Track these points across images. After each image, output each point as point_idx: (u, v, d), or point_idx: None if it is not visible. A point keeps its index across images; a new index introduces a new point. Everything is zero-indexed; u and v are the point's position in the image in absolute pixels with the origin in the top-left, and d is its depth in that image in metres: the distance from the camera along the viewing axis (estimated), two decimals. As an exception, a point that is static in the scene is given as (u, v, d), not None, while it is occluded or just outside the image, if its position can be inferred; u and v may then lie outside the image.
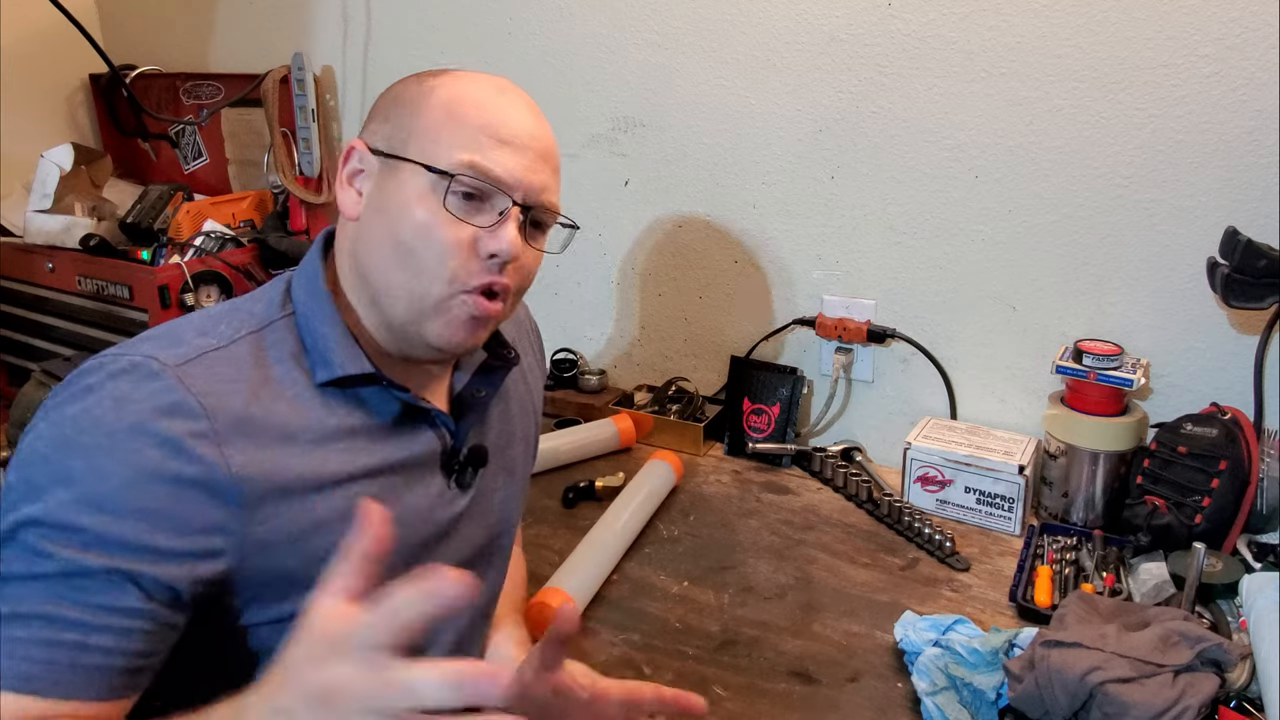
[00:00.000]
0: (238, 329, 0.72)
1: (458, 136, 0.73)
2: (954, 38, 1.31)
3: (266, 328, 0.73)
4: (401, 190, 0.72)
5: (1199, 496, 1.13)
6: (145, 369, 0.65)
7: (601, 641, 1.05)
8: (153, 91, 2.05)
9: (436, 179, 0.71)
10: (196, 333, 0.70)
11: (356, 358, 0.73)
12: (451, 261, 0.71)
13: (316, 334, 0.73)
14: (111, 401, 0.63)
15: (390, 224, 0.73)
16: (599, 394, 1.70)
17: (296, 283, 0.77)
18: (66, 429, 0.63)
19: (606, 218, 1.69)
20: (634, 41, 1.56)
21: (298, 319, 0.75)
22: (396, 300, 0.73)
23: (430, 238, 0.71)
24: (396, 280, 0.72)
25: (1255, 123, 1.17)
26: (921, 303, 1.45)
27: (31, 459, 0.63)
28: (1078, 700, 0.83)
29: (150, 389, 0.64)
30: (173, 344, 0.68)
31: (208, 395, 0.65)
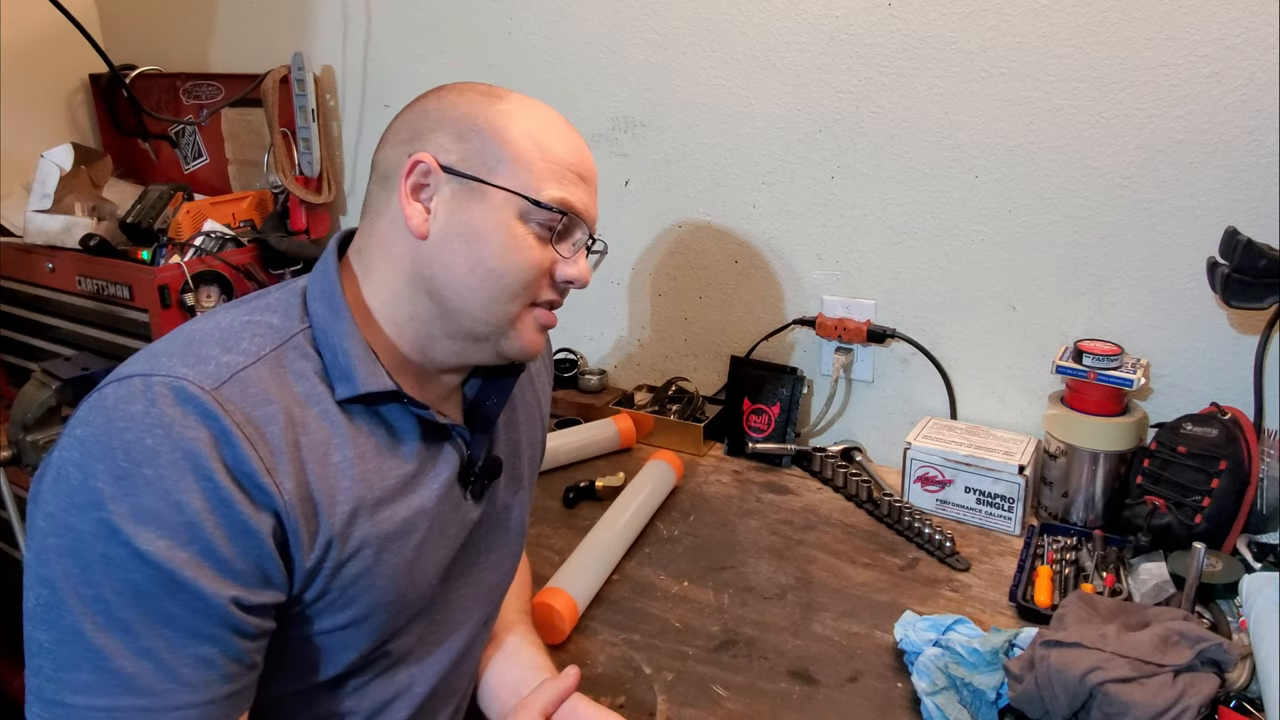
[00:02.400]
0: (261, 345, 0.71)
1: (550, 171, 0.75)
2: (954, 38, 1.31)
3: (287, 342, 0.72)
4: (492, 215, 0.74)
5: (1199, 496, 1.13)
6: (183, 393, 0.63)
7: (601, 641, 1.05)
8: (153, 91, 2.06)
9: (529, 208, 0.74)
10: (221, 348, 0.69)
11: (377, 374, 0.73)
12: (533, 284, 0.76)
13: (336, 349, 0.73)
14: (162, 430, 0.62)
15: (478, 248, 0.74)
16: (599, 394, 1.70)
17: (313, 293, 0.76)
18: (120, 460, 0.61)
19: (606, 218, 1.69)
20: (634, 41, 1.57)
21: (315, 332, 0.74)
22: (475, 319, 0.75)
23: (520, 264, 0.74)
24: (479, 301, 0.75)
25: (1255, 123, 1.17)
26: (921, 303, 1.45)
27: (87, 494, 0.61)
28: (1078, 700, 0.83)
29: (195, 415, 0.63)
30: (199, 361, 0.67)
31: (248, 424, 0.65)
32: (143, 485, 0.61)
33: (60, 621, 0.61)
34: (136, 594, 0.60)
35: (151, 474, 0.61)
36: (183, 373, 0.65)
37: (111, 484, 0.61)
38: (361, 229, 0.79)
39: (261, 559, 0.65)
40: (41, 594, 0.61)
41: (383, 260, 0.76)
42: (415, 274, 0.75)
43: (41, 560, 0.61)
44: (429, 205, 0.75)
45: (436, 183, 0.74)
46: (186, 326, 0.73)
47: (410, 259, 0.75)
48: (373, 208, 0.78)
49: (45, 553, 0.61)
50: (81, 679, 0.60)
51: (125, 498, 0.60)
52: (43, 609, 0.61)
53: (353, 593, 0.71)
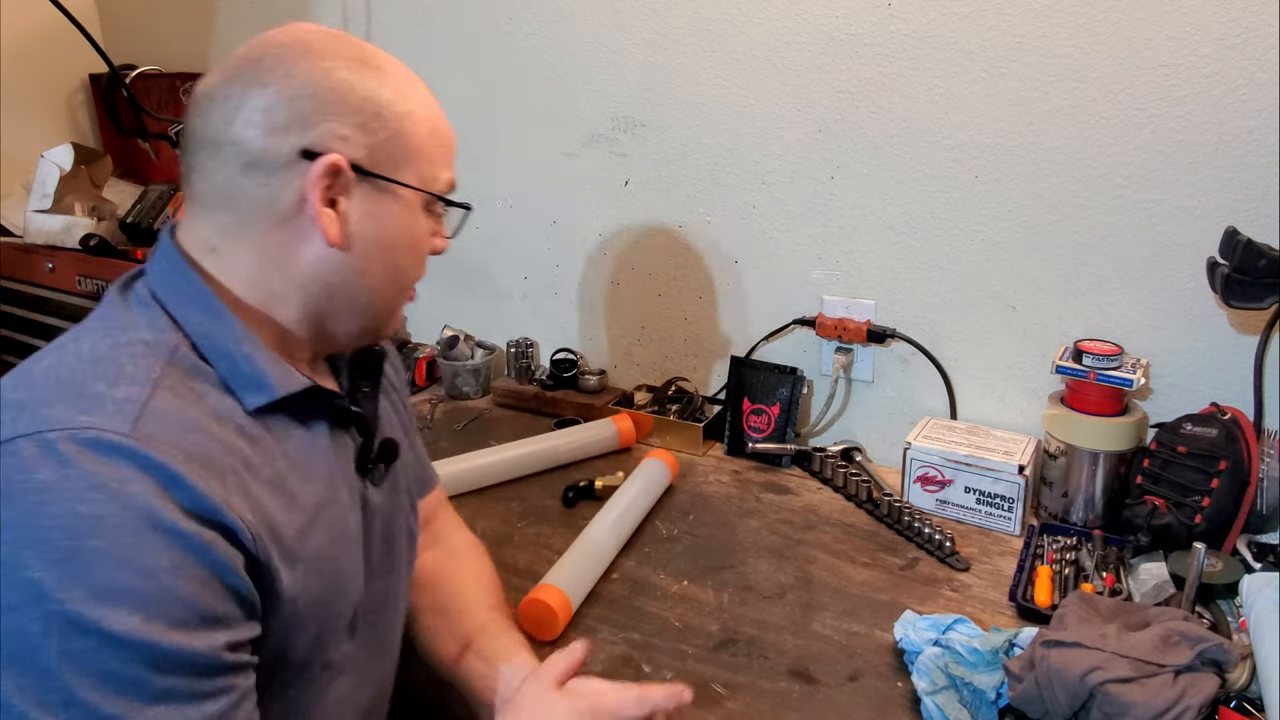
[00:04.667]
0: (149, 367, 0.62)
1: (440, 155, 0.75)
2: (954, 38, 1.31)
3: (173, 357, 0.65)
4: (404, 215, 0.73)
5: (1199, 496, 1.13)
6: (101, 443, 0.56)
7: (601, 640, 1.05)
8: (153, 91, 2.05)
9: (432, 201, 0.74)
10: (105, 383, 0.60)
11: (289, 375, 0.69)
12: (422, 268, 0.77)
13: (234, 357, 0.66)
14: (95, 492, 0.54)
15: (391, 251, 0.73)
16: (599, 394, 1.70)
17: (171, 300, 0.67)
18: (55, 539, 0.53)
19: (606, 218, 1.69)
20: (634, 41, 1.57)
21: (196, 341, 0.66)
22: (377, 314, 0.75)
23: (417, 256, 0.76)
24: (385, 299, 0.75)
25: (1255, 123, 1.17)
26: (921, 303, 1.45)
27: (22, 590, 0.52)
28: (1078, 700, 0.83)
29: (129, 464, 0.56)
30: (91, 402, 0.58)
31: (186, 458, 0.58)
32: (93, 561, 0.53)
33: None
34: (119, 682, 0.53)
35: (101, 545, 0.53)
36: (83, 421, 0.56)
37: (53, 570, 0.52)
38: (214, 225, 0.69)
39: (242, 595, 0.60)
40: None
41: (261, 263, 0.69)
42: (315, 279, 0.70)
43: None
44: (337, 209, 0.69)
45: (345, 183, 0.68)
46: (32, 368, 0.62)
47: (312, 265, 0.69)
48: (234, 202, 0.68)
49: None
50: None
51: (76, 582, 0.52)
52: None
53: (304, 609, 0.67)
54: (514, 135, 1.73)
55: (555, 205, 1.73)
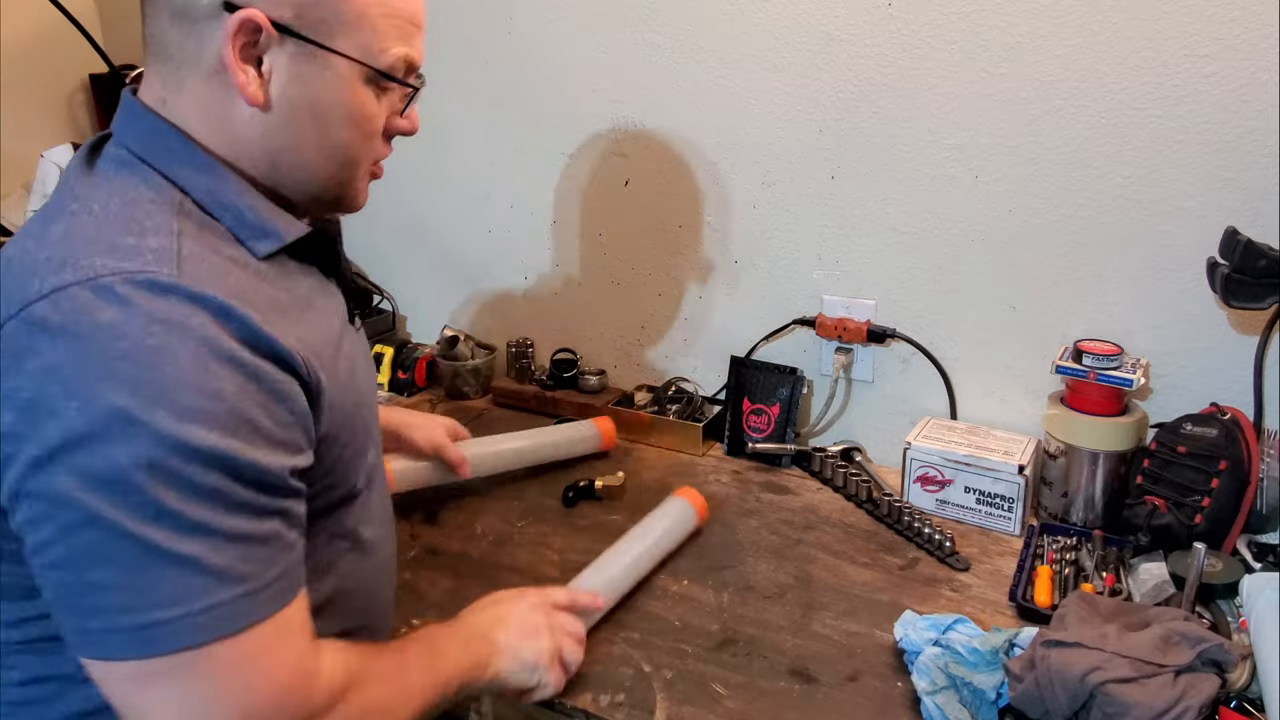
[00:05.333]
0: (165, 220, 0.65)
1: (392, 27, 0.70)
2: (954, 38, 1.31)
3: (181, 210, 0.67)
4: (338, 85, 0.69)
5: (1199, 496, 1.13)
6: (156, 284, 0.59)
7: (600, 639, 1.05)
8: (153, 91, 2.05)
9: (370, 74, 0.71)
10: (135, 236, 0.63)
11: (292, 222, 0.73)
12: (374, 145, 0.75)
13: (239, 208, 0.69)
14: (160, 326, 0.58)
15: (321, 119, 0.70)
16: (599, 394, 1.70)
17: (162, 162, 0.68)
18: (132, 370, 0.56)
19: (606, 218, 1.69)
20: (634, 41, 1.56)
21: (196, 198, 0.68)
22: (317, 184, 0.74)
23: (366, 132, 0.73)
24: (326, 173, 0.73)
25: (1255, 123, 1.17)
26: (921, 303, 1.45)
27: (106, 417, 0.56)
28: (1078, 700, 0.83)
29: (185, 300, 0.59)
30: (128, 253, 0.61)
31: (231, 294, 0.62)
32: (169, 387, 0.57)
33: (122, 553, 0.57)
34: (205, 492, 0.59)
35: (173, 372, 0.57)
36: (129, 267, 0.59)
37: (134, 396, 0.56)
38: (158, 75, 0.69)
39: (301, 419, 0.66)
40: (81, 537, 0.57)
41: (206, 118, 0.69)
42: (252, 141, 0.70)
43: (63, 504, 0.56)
44: (261, 70, 0.67)
45: (268, 42, 0.67)
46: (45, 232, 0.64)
47: (245, 126, 0.69)
48: (168, 51, 0.68)
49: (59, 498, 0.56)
50: (169, 592, 0.58)
51: (157, 405, 0.56)
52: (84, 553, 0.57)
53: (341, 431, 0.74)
54: (514, 135, 1.73)
55: (555, 205, 1.73)
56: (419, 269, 1.90)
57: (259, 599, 0.63)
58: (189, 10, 0.66)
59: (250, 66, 0.67)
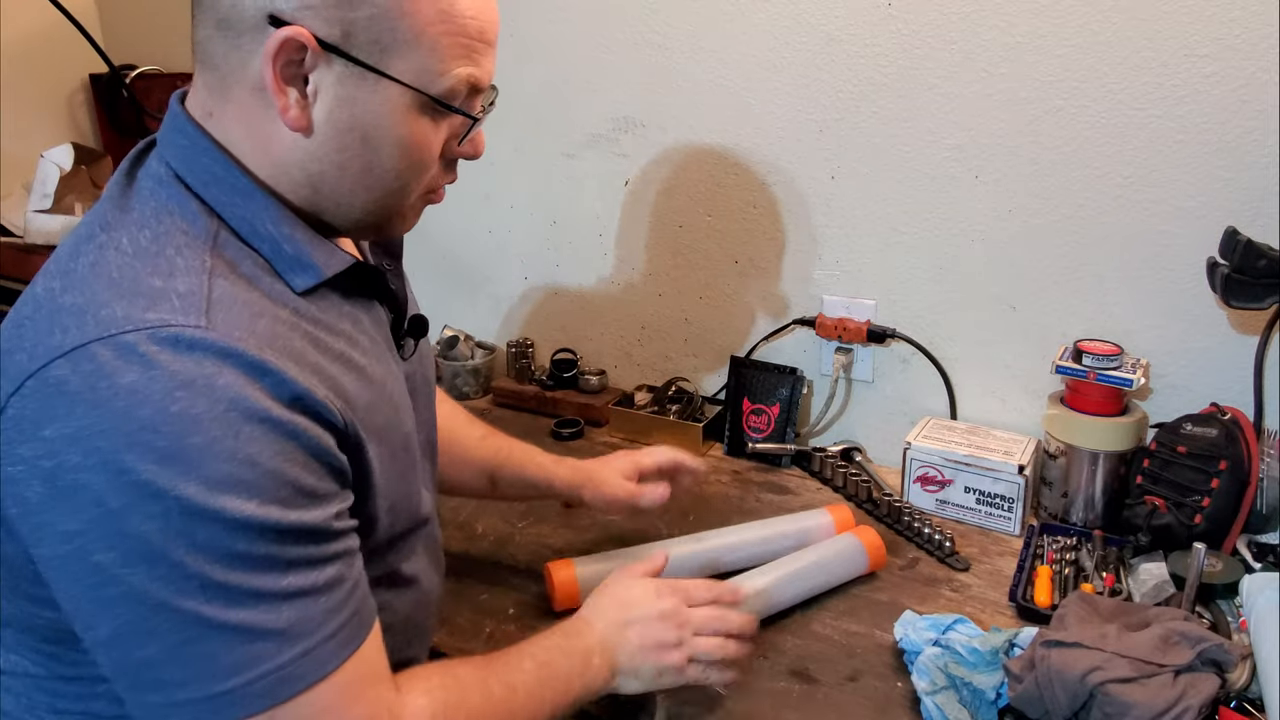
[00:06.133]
0: (197, 256, 0.61)
1: (456, 45, 0.63)
2: (954, 38, 1.31)
3: (215, 243, 0.63)
4: (388, 110, 0.63)
5: (1199, 496, 1.13)
6: (180, 340, 0.55)
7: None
8: (153, 91, 2.05)
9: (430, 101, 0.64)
10: (159, 277, 0.59)
11: (333, 253, 0.69)
12: (429, 173, 0.69)
13: (275, 239, 0.65)
14: (184, 391, 0.54)
15: (369, 148, 0.65)
16: (599, 394, 1.70)
17: (194, 178, 0.64)
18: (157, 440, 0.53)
19: (606, 218, 1.69)
20: (634, 41, 1.56)
21: (233, 225, 0.64)
22: (361, 211, 0.69)
23: (419, 161, 0.67)
24: (370, 197, 0.68)
25: (1255, 123, 1.17)
26: (921, 303, 1.45)
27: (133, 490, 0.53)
28: (1078, 700, 0.83)
29: (212, 358, 0.55)
30: (151, 299, 0.57)
31: (260, 345, 0.58)
32: (198, 457, 0.54)
33: (164, 628, 0.55)
34: (252, 561, 0.56)
35: (201, 440, 0.54)
36: (154, 319, 0.56)
37: (161, 468, 0.53)
38: (205, 84, 0.66)
39: (337, 467, 0.63)
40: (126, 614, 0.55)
41: (249, 134, 0.65)
42: (295, 164, 0.65)
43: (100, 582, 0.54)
44: (306, 90, 0.62)
45: (315, 62, 0.61)
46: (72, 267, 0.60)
47: (287, 149, 0.65)
48: (214, 61, 0.64)
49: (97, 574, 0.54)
50: (226, 662, 0.56)
51: (187, 477, 0.53)
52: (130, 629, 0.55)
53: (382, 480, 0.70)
54: (514, 135, 1.73)
55: (555, 205, 1.73)
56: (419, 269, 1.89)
57: (325, 650, 0.60)
58: (233, 21, 0.61)
59: (294, 88, 0.62)
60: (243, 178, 0.65)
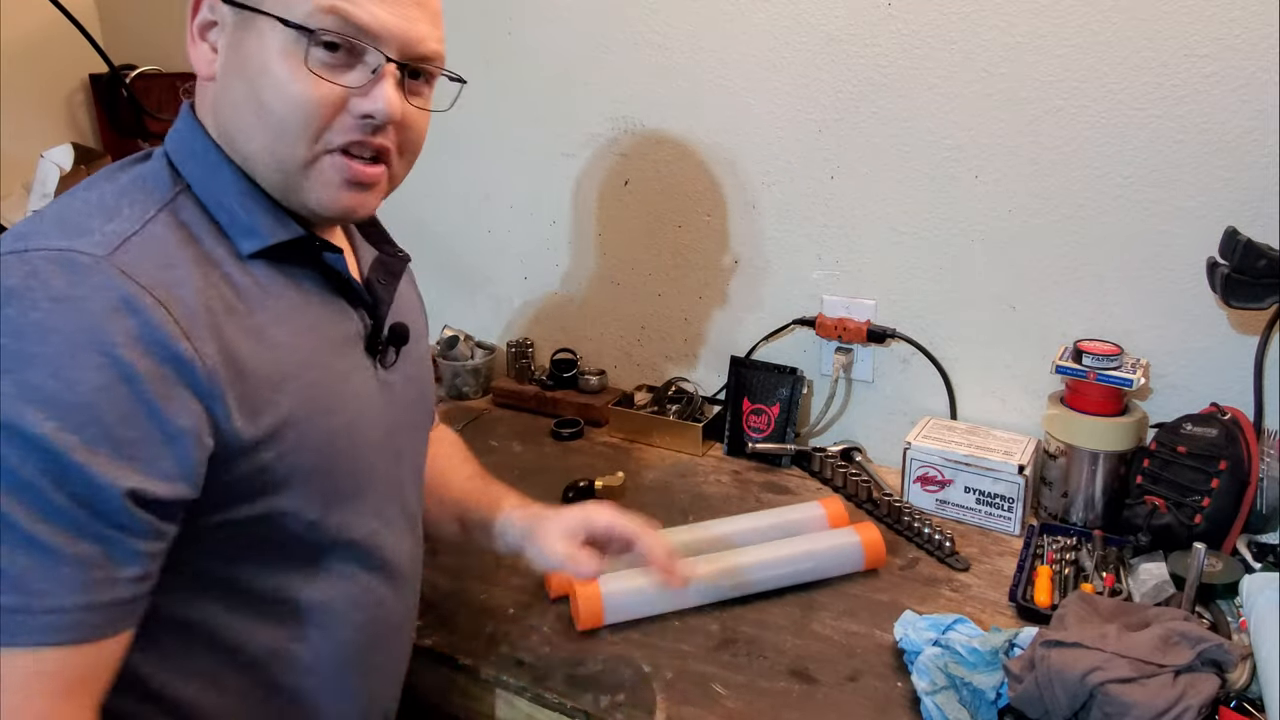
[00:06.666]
0: (145, 209, 0.65)
1: None
2: (954, 38, 1.31)
3: (173, 202, 0.67)
4: (261, 46, 0.66)
5: (1199, 496, 1.13)
6: (75, 263, 0.57)
7: (601, 639, 1.05)
8: (153, 91, 2.05)
9: (295, 34, 0.65)
10: (99, 218, 0.62)
11: (284, 222, 0.70)
12: (317, 122, 0.67)
13: (231, 205, 0.68)
14: (50, 303, 0.56)
15: (251, 84, 0.66)
16: (599, 394, 1.70)
17: (178, 156, 0.70)
18: (6, 338, 0.55)
19: (606, 218, 1.69)
20: (634, 41, 1.56)
21: (196, 191, 0.69)
22: (265, 165, 0.69)
23: (294, 98, 0.66)
24: (261, 144, 0.68)
25: (1255, 123, 1.17)
26: (921, 303, 1.45)
27: None
28: (1078, 700, 0.83)
29: (92, 284, 0.57)
30: (78, 232, 0.60)
31: (156, 286, 0.59)
32: (28, 362, 0.54)
33: None
34: (18, 484, 0.54)
35: (39, 351, 0.55)
36: (65, 244, 0.59)
37: None
38: None
39: (173, 443, 0.59)
40: None
41: (202, 113, 0.72)
42: (217, 121, 0.70)
43: None
44: (215, 43, 0.69)
45: (222, 17, 0.68)
46: (45, 211, 0.65)
47: (211, 105, 0.70)
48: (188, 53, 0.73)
49: None
50: None
51: (8, 375, 0.54)
52: None
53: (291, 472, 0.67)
54: (514, 135, 1.73)
55: (555, 205, 1.73)
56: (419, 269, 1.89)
57: (38, 621, 0.55)
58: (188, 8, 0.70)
59: (207, 44, 0.69)
60: (214, 152, 0.70)
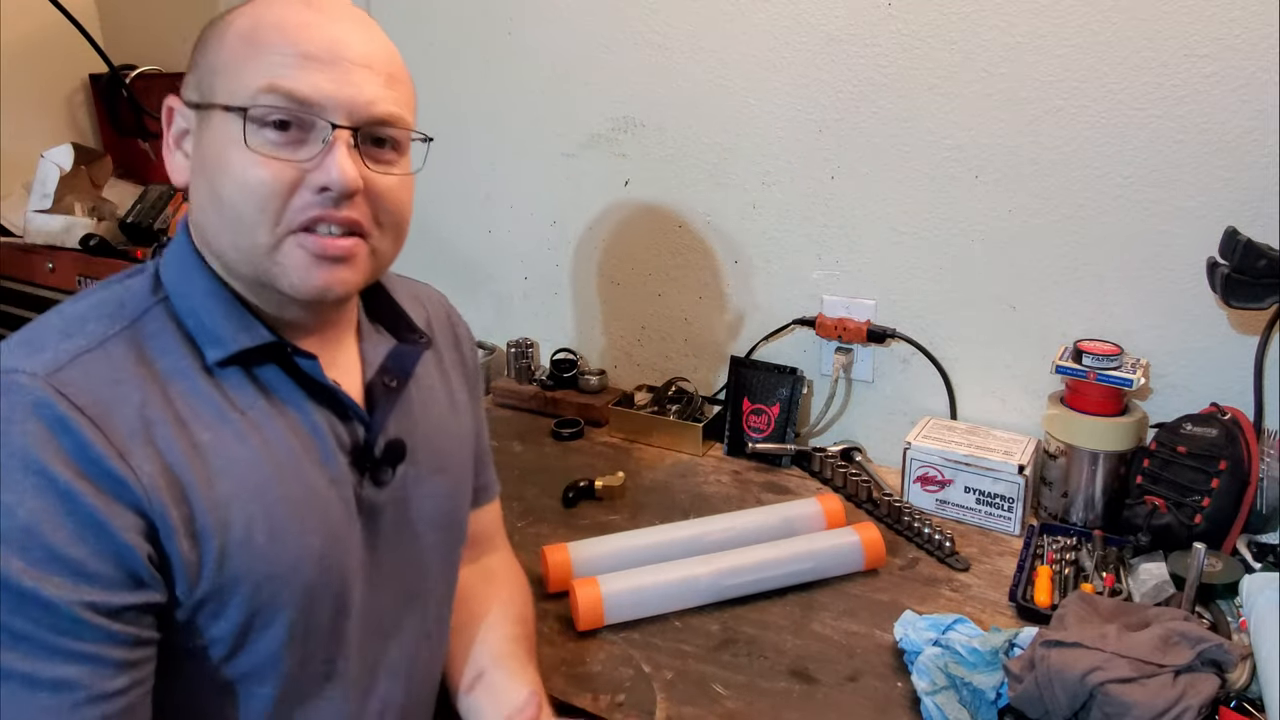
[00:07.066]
0: (108, 326, 0.64)
1: (258, 64, 0.64)
2: (954, 38, 1.31)
3: (142, 318, 0.66)
4: (214, 139, 0.65)
5: (1199, 496, 1.13)
6: (13, 386, 0.58)
7: (601, 640, 1.05)
8: (153, 91, 2.05)
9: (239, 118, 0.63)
10: (60, 335, 0.62)
11: (250, 327, 0.67)
12: (273, 203, 0.64)
13: (200, 311, 0.67)
14: None
15: (210, 179, 0.65)
16: (599, 394, 1.70)
17: (165, 264, 0.70)
18: None
19: (606, 218, 1.69)
20: (634, 41, 1.56)
21: (173, 302, 0.67)
22: (234, 260, 0.66)
23: (246, 183, 0.63)
24: (228, 239, 0.66)
25: (1255, 123, 1.17)
26: (921, 303, 1.45)
27: None
28: (1078, 700, 0.83)
29: (25, 404, 0.57)
30: (35, 350, 0.61)
31: (91, 405, 0.59)
32: None
33: None
34: None
35: None
36: (13, 365, 0.59)
37: None
38: None
39: (121, 555, 0.58)
40: None
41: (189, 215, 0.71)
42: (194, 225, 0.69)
43: None
44: (187, 150, 0.69)
45: (190, 124, 0.68)
46: (34, 321, 0.66)
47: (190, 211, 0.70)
48: None
49: None
50: None
51: None
52: None
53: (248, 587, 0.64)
54: (514, 135, 1.73)
55: (555, 205, 1.74)
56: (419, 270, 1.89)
57: None
58: None
59: (181, 151, 0.69)
60: (192, 259, 0.69)
